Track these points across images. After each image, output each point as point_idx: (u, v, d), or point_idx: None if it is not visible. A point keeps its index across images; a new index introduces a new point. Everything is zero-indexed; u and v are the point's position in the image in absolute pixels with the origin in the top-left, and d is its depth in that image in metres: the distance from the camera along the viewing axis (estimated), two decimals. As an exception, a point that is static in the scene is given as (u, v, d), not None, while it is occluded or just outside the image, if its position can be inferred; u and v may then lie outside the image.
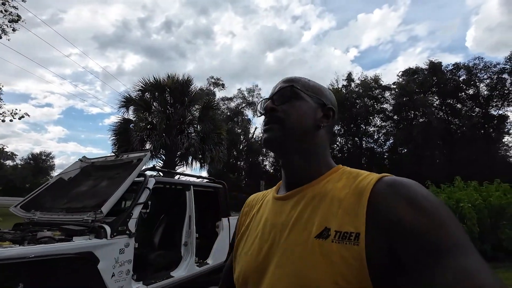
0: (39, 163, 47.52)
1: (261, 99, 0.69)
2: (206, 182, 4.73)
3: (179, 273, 3.21)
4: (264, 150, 30.94)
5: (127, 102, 12.44)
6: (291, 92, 0.62)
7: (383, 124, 30.01)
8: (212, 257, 3.83)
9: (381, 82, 29.65)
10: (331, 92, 0.68)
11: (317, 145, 0.61)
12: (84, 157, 3.74)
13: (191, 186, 3.75)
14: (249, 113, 32.55)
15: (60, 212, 2.85)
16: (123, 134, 11.98)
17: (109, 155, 3.57)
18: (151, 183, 3.03)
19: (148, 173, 3.41)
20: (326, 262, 0.46)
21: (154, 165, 3.93)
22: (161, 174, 4.88)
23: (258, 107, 0.69)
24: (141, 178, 3.11)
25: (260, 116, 0.66)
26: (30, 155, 48.86)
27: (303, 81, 0.65)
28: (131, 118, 12.57)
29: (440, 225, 0.41)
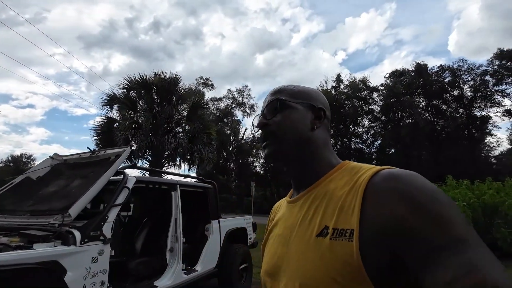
0: (20, 166, 45.55)
1: (256, 115, 0.70)
2: (195, 182, 4.39)
3: (163, 282, 2.86)
4: (254, 151, 30.72)
5: (111, 100, 11.90)
6: (278, 104, 0.63)
7: (371, 125, 30.38)
8: (201, 263, 3.49)
9: (369, 83, 30.02)
10: (319, 92, 0.68)
11: (315, 147, 0.62)
12: (55, 154, 3.35)
13: (178, 186, 3.41)
14: (239, 113, 32.26)
15: (23, 215, 2.47)
16: (107, 134, 11.45)
17: (84, 151, 3.19)
18: (130, 182, 2.69)
19: (130, 172, 3.05)
20: (324, 259, 0.46)
21: (135, 163, 3.57)
22: (147, 173, 4.51)
23: (255, 123, 0.69)
24: (120, 177, 2.76)
25: (257, 132, 0.69)
26: (10, 157, 46.87)
27: (288, 90, 0.65)
28: (115, 117, 12.06)
29: (438, 220, 0.39)
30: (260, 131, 0.66)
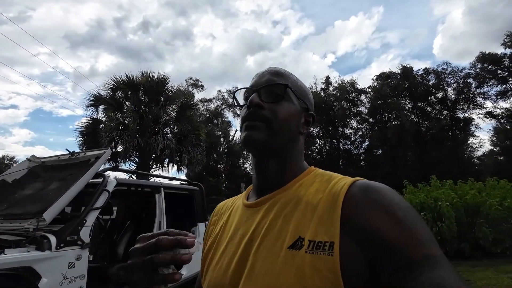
0: (1, 168, 44.03)
1: (243, 87, 0.62)
2: (181, 184, 4.33)
3: None
4: (245, 152, 30.65)
5: (97, 101, 11.63)
6: (284, 91, 0.57)
7: (359, 126, 30.88)
8: (186, 267, 3.43)
9: (357, 85, 30.53)
10: (310, 93, 0.65)
11: (296, 151, 0.59)
12: (33, 156, 3.23)
13: (162, 189, 3.35)
14: (229, 115, 32.14)
15: (-4, 220, 2.36)
16: (92, 135, 11.17)
17: (63, 153, 3.08)
18: (111, 185, 2.61)
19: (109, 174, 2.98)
20: (299, 275, 0.43)
21: (117, 165, 3.48)
22: (133, 176, 4.40)
23: (238, 96, 0.63)
24: (99, 180, 2.68)
25: (238, 106, 0.62)
26: (-10, 159, 45.13)
27: (293, 80, 0.60)
28: (100, 118, 11.80)
29: (416, 236, 0.40)
30: (247, 108, 0.57)
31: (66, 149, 2.93)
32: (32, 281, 1.83)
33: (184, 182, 4.40)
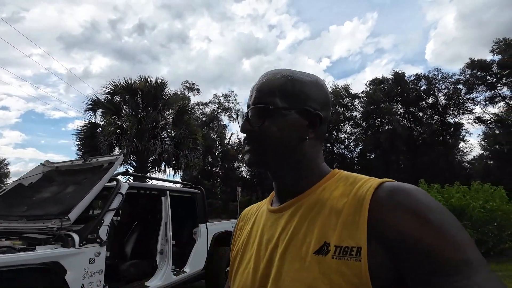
0: (-8, 170, 43.24)
1: (242, 113, 0.63)
2: (183, 187, 4.57)
3: (154, 283, 3.03)
4: (240, 156, 30.86)
5: (95, 105, 11.77)
6: (266, 112, 0.55)
7: (353, 130, 31.46)
8: (189, 265, 3.67)
9: (351, 90, 31.14)
10: (320, 86, 0.59)
11: (305, 157, 0.56)
12: (47, 161, 3.44)
13: (167, 192, 3.59)
14: (225, 118, 32.38)
15: (19, 219, 2.58)
16: (90, 139, 11.29)
17: (76, 159, 3.31)
18: (124, 188, 2.85)
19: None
20: (325, 281, 0.42)
21: (127, 169, 3.72)
22: (131, 179, 4.63)
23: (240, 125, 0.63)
24: (112, 183, 2.92)
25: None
26: (-20, 162, 44.30)
27: (282, 88, 0.56)
28: (98, 122, 11.94)
29: (447, 240, 0.38)
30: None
31: (80, 155, 3.15)
32: (59, 274, 2.06)
33: (185, 186, 4.65)
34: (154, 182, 5.61)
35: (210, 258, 4.03)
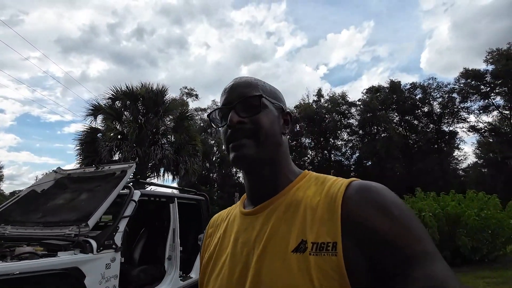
0: (-15, 175, 42.70)
1: (215, 109, 0.61)
2: (189, 194, 4.68)
3: (163, 288, 3.13)
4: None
5: (96, 110, 11.85)
6: (260, 101, 0.56)
7: (350, 138, 31.79)
8: (195, 270, 3.77)
9: (348, 98, 31.58)
10: (281, 94, 0.65)
11: (283, 154, 0.58)
12: (58, 168, 3.54)
13: (175, 199, 3.71)
14: (222, 124, 32.43)
15: (35, 226, 2.67)
16: (90, 144, 11.34)
17: (88, 166, 3.42)
18: (136, 196, 2.97)
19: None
20: (305, 277, 0.43)
21: (138, 177, 3.83)
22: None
23: (215, 116, 0.61)
24: (125, 191, 3.03)
25: (218, 127, 0.60)
26: (-26, 165, 43.74)
27: (261, 86, 0.60)
28: (99, 127, 12.00)
29: (409, 232, 0.41)
30: (228, 128, 0.56)
31: (94, 165, 3.26)
32: (79, 279, 2.16)
33: (189, 193, 4.76)
34: (158, 188, 5.69)
35: None
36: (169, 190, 4.89)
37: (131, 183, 3.22)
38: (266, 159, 0.56)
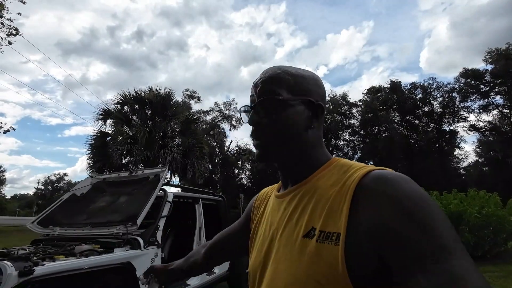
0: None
1: (244, 106, 0.65)
2: (209, 196, 4.99)
3: (193, 282, 3.43)
4: (240, 163, 31.20)
5: (105, 115, 12.18)
6: (276, 103, 0.58)
7: (351, 138, 32.07)
8: (217, 267, 4.07)
9: (349, 99, 31.90)
10: (317, 80, 0.63)
11: (307, 145, 0.59)
12: (94, 172, 3.86)
13: (200, 200, 4.02)
14: (225, 126, 32.83)
15: (83, 227, 2.98)
16: (100, 148, 11.66)
17: (122, 171, 3.73)
18: (170, 197, 3.27)
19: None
20: (309, 261, 0.47)
21: (168, 180, 4.14)
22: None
23: (243, 115, 0.65)
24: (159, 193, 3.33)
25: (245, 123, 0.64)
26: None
27: (287, 82, 0.59)
28: (108, 131, 12.32)
29: (425, 228, 0.39)
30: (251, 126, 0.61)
31: (128, 169, 3.57)
32: (131, 272, 2.46)
33: (207, 194, 5.07)
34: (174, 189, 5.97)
35: (233, 261, 4.44)
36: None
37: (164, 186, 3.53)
38: (286, 155, 0.59)
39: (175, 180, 13.28)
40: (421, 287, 0.36)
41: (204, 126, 31.53)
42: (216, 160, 31.95)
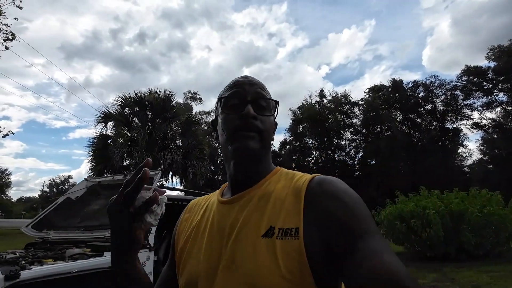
0: (-6, 181, 43.49)
1: (234, 91, 0.64)
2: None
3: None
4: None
5: (106, 117, 12.23)
6: (275, 106, 0.67)
7: (353, 137, 31.94)
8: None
9: (350, 98, 31.78)
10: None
11: (268, 155, 0.67)
12: (89, 176, 3.87)
13: (195, 202, 4.01)
14: (227, 127, 32.79)
15: (76, 230, 2.99)
16: (102, 151, 11.70)
17: (117, 174, 3.74)
18: (164, 200, 3.27)
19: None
20: (272, 259, 0.50)
21: (162, 183, 4.13)
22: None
23: (233, 102, 0.64)
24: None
25: (226, 112, 0.63)
26: (-18, 173, 44.62)
27: (267, 91, 0.67)
28: (109, 134, 12.37)
29: (356, 215, 0.49)
30: (239, 118, 0.61)
31: (123, 172, 3.58)
32: (122, 275, 2.46)
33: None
34: (173, 192, 6.00)
35: None
36: (174, 193, 5.19)
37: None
38: (261, 156, 0.64)
39: (176, 181, 13.35)
40: (353, 261, 0.44)
41: (206, 127, 31.60)
42: (218, 161, 32.01)
